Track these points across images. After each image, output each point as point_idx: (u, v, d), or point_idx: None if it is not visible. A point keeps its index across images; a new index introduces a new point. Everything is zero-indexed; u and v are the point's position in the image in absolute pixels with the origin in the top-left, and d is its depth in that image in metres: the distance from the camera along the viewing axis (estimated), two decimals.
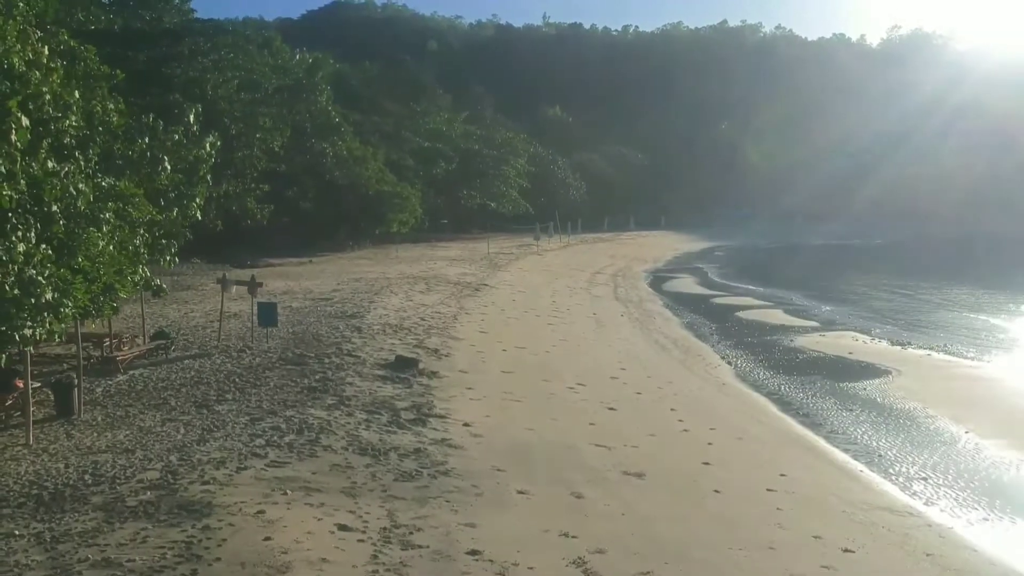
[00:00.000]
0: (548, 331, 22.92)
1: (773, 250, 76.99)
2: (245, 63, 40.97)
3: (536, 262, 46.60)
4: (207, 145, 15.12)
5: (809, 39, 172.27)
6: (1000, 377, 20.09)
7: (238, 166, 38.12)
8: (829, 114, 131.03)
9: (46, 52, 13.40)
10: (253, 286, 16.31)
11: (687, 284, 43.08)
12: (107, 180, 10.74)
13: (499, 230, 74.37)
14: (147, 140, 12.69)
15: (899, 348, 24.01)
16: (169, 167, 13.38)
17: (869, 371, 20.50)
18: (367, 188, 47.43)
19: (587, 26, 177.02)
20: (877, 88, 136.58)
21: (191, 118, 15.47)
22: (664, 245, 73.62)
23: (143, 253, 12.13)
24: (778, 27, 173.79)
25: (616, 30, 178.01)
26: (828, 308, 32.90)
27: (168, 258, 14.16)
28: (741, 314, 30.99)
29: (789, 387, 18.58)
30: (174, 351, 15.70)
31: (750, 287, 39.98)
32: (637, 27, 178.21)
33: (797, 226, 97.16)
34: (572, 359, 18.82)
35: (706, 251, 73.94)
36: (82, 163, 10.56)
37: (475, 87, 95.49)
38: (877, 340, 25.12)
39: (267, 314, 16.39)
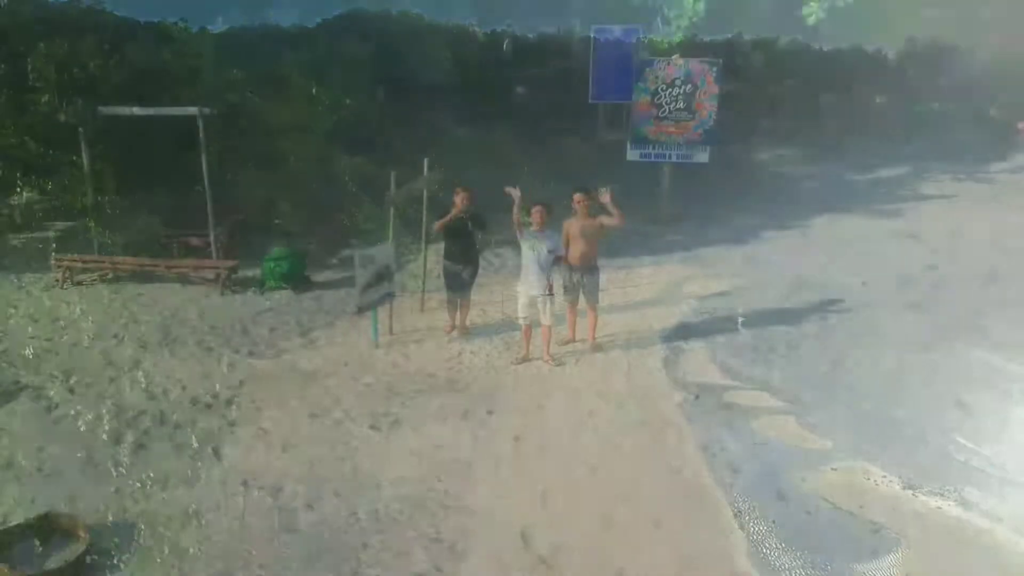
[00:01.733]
0: None
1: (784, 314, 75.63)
2: None
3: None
4: None
5: (824, 49, 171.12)
6: (1018, 550, 19.96)
7: None
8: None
9: None
10: None
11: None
12: None
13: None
14: None
15: (910, 493, 23.83)
16: None
17: (877, 543, 20.32)
18: None
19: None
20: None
21: None
22: (678, 292, 72.72)
23: None
24: (793, 40, 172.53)
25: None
26: (839, 413, 32.36)
27: None
28: (755, 425, 30.73)
29: None
30: None
31: (761, 376, 39.36)
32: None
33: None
34: None
35: (722, 297, 72.78)
36: None
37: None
38: (888, 480, 24.83)
39: None
